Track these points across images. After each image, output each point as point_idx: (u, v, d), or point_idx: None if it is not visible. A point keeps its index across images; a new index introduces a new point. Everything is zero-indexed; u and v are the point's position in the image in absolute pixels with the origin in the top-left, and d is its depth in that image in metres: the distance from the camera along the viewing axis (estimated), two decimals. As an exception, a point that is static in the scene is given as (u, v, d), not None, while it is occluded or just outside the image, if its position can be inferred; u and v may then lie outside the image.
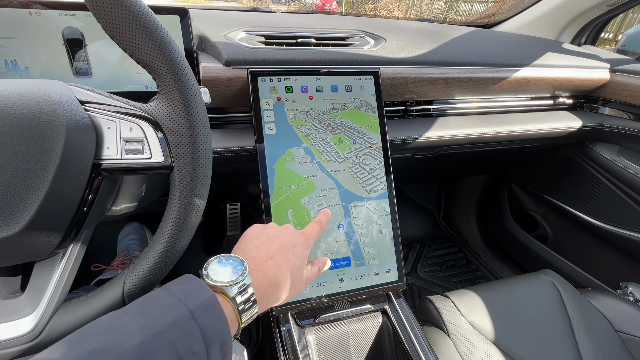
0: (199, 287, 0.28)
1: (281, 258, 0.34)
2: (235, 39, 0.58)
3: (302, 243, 0.37)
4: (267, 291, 0.33)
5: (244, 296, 0.30)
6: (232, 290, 0.30)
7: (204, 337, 0.25)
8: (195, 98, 0.31)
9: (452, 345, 0.58)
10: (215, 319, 0.26)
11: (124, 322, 0.24)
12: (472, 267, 1.25)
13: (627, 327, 0.63)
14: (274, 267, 0.33)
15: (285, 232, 0.38)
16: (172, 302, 0.26)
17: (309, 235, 0.40)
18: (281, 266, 0.34)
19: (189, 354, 0.24)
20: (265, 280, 0.33)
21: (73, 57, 0.49)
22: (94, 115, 0.30)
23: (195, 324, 0.25)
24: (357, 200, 0.52)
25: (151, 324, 0.24)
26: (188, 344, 0.24)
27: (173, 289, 0.27)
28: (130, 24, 0.27)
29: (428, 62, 0.64)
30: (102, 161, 0.30)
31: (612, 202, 0.86)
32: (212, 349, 0.25)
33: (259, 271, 0.33)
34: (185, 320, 0.25)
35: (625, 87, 0.77)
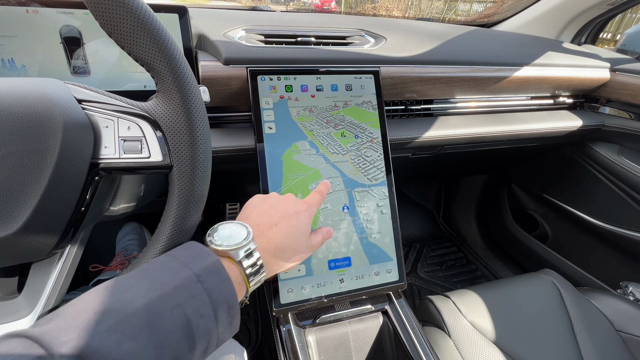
0: (204, 252, 0.28)
1: (285, 224, 0.35)
2: (235, 37, 0.58)
3: (304, 210, 0.38)
4: (274, 255, 0.33)
5: (250, 260, 0.30)
6: (238, 254, 0.30)
7: (210, 300, 0.25)
8: (194, 96, 0.30)
9: (452, 345, 0.58)
10: (221, 282, 0.26)
11: (128, 284, 0.24)
12: (472, 267, 1.25)
13: (627, 326, 0.63)
14: (279, 232, 0.34)
15: (288, 201, 0.38)
16: (177, 266, 0.26)
17: (311, 203, 0.40)
18: (285, 232, 0.34)
19: (197, 316, 0.24)
20: (271, 245, 0.33)
21: (71, 55, 0.49)
22: (92, 114, 0.29)
23: (202, 287, 0.25)
24: (360, 186, 0.53)
25: (157, 287, 0.23)
26: (196, 306, 0.24)
27: (177, 255, 0.27)
28: (129, 22, 0.27)
29: (428, 61, 0.64)
30: (100, 160, 0.29)
31: (613, 201, 0.85)
32: (220, 311, 0.25)
33: (264, 237, 0.33)
34: (192, 283, 0.25)
35: (625, 86, 0.77)
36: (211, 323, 0.25)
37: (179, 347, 0.22)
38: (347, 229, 0.53)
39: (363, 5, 10.93)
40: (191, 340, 0.23)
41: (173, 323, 0.22)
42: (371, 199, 0.53)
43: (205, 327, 0.24)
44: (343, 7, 11.09)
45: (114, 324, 0.20)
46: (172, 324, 0.22)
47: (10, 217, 0.25)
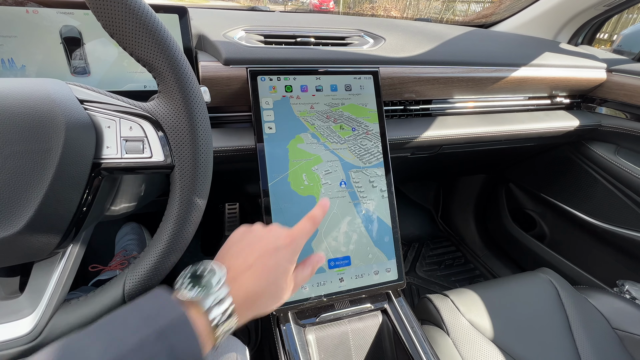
0: (169, 304, 0.26)
1: (260, 266, 0.32)
2: (235, 38, 0.58)
3: (286, 246, 0.34)
4: (245, 302, 0.31)
5: (219, 309, 0.28)
6: (206, 303, 0.28)
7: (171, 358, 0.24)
8: (196, 97, 0.31)
9: (451, 343, 0.58)
10: (186, 339, 0.25)
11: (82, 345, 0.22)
12: (470, 266, 1.26)
13: (624, 324, 0.63)
14: (252, 276, 0.31)
15: (269, 236, 0.34)
16: (138, 322, 0.24)
17: (296, 235, 0.35)
18: (260, 275, 0.31)
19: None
20: (242, 291, 0.30)
21: (70, 55, 0.49)
22: (94, 114, 0.29)
23: (163, 345, 0.24)
24: (355, 168, 0.55)
25: (114, 347, 0.22)
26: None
27: (141, 306, 0.26)
28: (131, 22, 0.27)
29: (427, 61, 0.64)
30: (102, 160, 0.29)
31: (609, 200, 0.86)
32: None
33: (235, 281, 0.31)
34: (151, 342, 0.23)
35: (622, 86, 0.78)
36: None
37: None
38: (348, 228, 0.53)
39: (361, 5, 10.94)
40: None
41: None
42: (364, 177, 0.56)
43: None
44: (341, 7, 11.10)
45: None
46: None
47: (13, 216, 0.25)
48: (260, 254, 0.32)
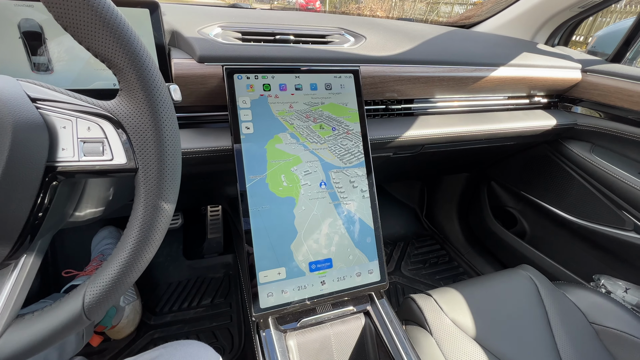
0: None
1: None
2: (210, 34, 0.56)
3: None
4: None
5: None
6: None
7: None
8: (160, 94, 0.29)
9: (434, 343, 0.58)
10: None
11: None
12: (454, 264, 1.27)
13: (600, 318, 0.65)
14: None
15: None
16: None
17: None
18: None
19: None
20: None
21: (32, 52, 0.46)
22: (47, 114, 0.27)
23: None
24: (335, 168, 0.55)
25: None
26: None
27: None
28: (85, 13, 0.25)
29: (408, 60, 0.64)
30: (56, 163, 0.27)
31: (585, 198, 0.89)
32: None
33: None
34: None
35: (595, 86, 0.80)
36: None
37: None
38: (329, 230, 0.52)
39: (347, 5, 10.98)
40: None
41: None
42: (345, 177, 0.55)
43: None
44: (327, 7, 11.11)
45: None
46: None
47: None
48: None
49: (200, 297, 1.02)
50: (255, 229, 0.48)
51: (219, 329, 0.94)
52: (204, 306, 0.99)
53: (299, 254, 0.50)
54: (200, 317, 0.96)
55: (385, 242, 1.32)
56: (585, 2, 0.80)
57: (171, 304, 0.98)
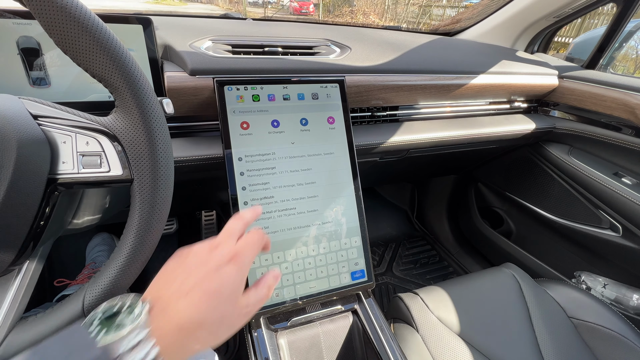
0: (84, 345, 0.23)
1: (199, 292, 0.27)
2: (201, 48, 0.59)
3: (231, 264, 0.29)
4: (177, 340, 0.25)
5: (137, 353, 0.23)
6: (119, 348, 0.23)
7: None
8: (153, 110, 0.31)
9: (420, 340, 0.61)
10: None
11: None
12: (444, 264, 1.30)
13: (578, 313, 0.68)
14: (189, 305, 0.26)
15: (209, 257, 0.29)
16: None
17: (241, 250, 0.30)
18: (199, 302, 0.26)
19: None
20: (173, 325, 0.25)
21: (30, 67, 0.48)
22: (48, 130, 0.30)
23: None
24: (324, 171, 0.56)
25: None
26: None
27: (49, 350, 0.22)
28: (83, 39, 0.27)
29: (392, 70, 0.67)
30: (57, 176, 0.30)
31: (565, 198, 0.92)
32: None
33: (165, 314, 0.26)
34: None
35: (572, 92, 0.84)
36: None
37: None
38: (317, 232, 0.55)
39: (340, 9, 11.08)
40: None
41: None
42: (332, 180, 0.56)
43: None
44: (321, 11, 11.19)
45: None
46: None
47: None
48: (200, 278, 0.28)
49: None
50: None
51: (214, 332, 0.95)
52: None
53: (289, 255, 0.53)
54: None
55: (377, 243, 1.35)
56: (560, 12, 0.84)
57: (166, 309, 0.99)
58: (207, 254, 0.30)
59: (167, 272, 0.30)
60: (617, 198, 0.78)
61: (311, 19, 8.47)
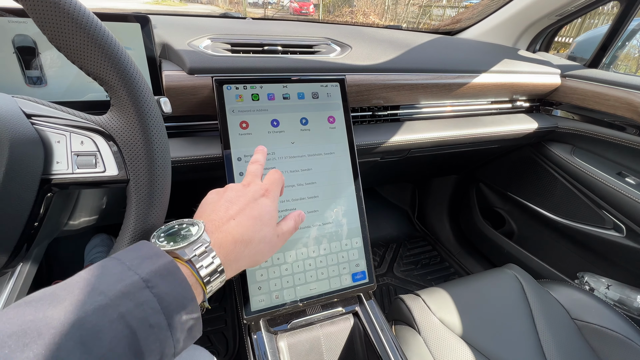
0: (154, 252, 0.25)
1: (244, 217, 0.31)
2: (200, 46, 0.58)
3: (264, 196, 0.34)
4: (233, 251, 0.29)
5: (204, 259, 0.27)
6: (188, 253, 0.27)
7: (162, 306, 0.22)
8: (150, 109, 0.31)
9: (422, 342, 0.60)
10: (175, 286, 0.24)
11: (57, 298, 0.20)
12: (445, 265, 1.30)
13: (582, 314, 0.67)
14: (237, 225, 0.30)
15: (245, 191, 0.34)
16: (121, 271, 0.23)
17: (270, 186, 0.36)
18: (246, 224, 0.31)
19: (145, 327, 0.21)
20: (229, 239, 0.29)
21: (26, 65, 0.47)
22: (42, 129, 0.29)
23: (150, 293, 0.22)
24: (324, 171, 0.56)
25: (93, 298, 0.20)
26: (142, 316, 0.21)
27: (122, 257, 0.24)
28: (77, 35, 0.27)
29: (393, 69, 0.66)
30: (51, 176, 0.29)
31: (568, 198, 0.92)
32: (175, 319, 0.23)
33: (220, 231, 0.29)
34: (138, 290, 0.22)
35: (574, 91, 0.83)
36: (164, 333, 0.22)
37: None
38: (317, 233, 0.54)
39: (340, 9, 11.08)
40: (138, 355, 0.21)
41: (113, 339, 0.20)
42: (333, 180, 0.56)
43: (155, 339, 0.22)
44: (321, 11, 11.19)
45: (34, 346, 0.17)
46: (113, 339, 0.20)
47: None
48: (242, 206, 0.32)
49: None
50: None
51: (213, 333, 0.95)
52: (199, 311, 1.00)
53: (289, 257, 0.52)
54: (194, 322, 0.97)
55: (378, 244, 1.34)
56: (562, 11, 0.83)
57: (166, 310, 0.98)
58: (243, 189, 0.34)
59: (209, 204, 0.33)
60: (620, 198, 0.77)
61: (311, 18, 8.48)
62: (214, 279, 0.28)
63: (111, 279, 0.22)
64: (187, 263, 0.27)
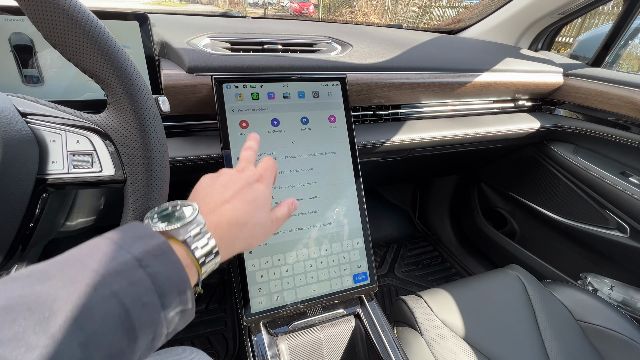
0: (147, 232, 0.24)
1: (239, 200, 0.31)
2: (199, 45, 0.57)
3: (258, 181, 0.34)
4: (228, 233, 0.29)
5: (199, 240, 0.27)
6: (183, 233, 0.26)
7: (155, 286, 0.22)
8: (147, 107, 0.30)
9: (424, 343, 0.59)
10: (169, 266, 0.23)
11: (46, 275, 0.19)
12: (446, 265, 1.29)
13: (585, 316, 0.66)
14: (232, 209, 0.30)
15: (240, 176, 0.34)
16: (112, 250, 0.22)
17: (263, 173, 0.35)
18: (240, 208, 0.30)
19: (138, 306, 0.21)
20: (224, 222, 0.29)
21: (23, 64, 0.47)
22: (37, 128, 0.28)
23: (144, 272, 0.22)
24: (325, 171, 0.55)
25: (84, 275, 0.20)
26: (136, 295, 0.21)
27: (115, 237, 0.23)
28: (72, 32, 0.26)
29: (394, 67, 0.65)
30: (47, 176, 0.28)
31: (570, 198, 0.91)
32: (168, 299, 0.22)
33: (214, 214, 0.29)
34: (130, 268, 0.21)
35: (577, 90, 0.83)
36: (156, 313, 0.22)
37: (114, 342, 0.19)
38: (318, 233, 0.53)
39: (340, 9, 11.08)
40: (131, 333, 0.20)
41: (106, 316, 0.19)
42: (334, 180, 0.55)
43: (148, 318, 0.21)
44: (321, 11, 11.20)
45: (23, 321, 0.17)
46: (105, 316, 0.19)
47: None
48: (236, 191, 0.31)
49: (195, 303, 1.02)
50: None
51: (213, 335, 0.94)
52: (199, 312, 1.00)
53: (289, 258, 0.51)
54: (194, 323, 0.97)
55: (378, 244, 1.33)
56: (565, 9, 0.83)
57: (165, 311, 0.98)
58: (237, 174, 0.34)
59: (202, 188, 0.33)
60: (624, 198, 0.76)
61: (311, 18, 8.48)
62: (209, 261, 0.27)
63: (103, 257, 0.21)
64: (183, 243, 0.26)
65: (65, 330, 0.18)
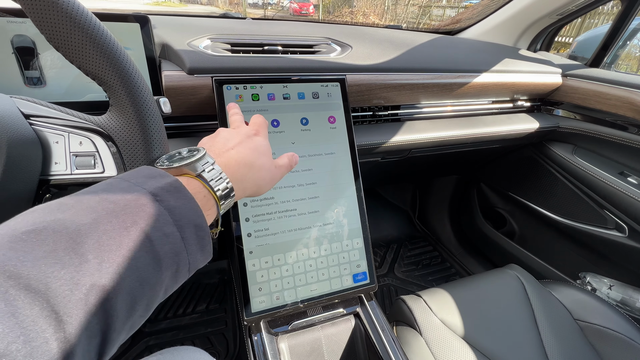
0: (158, 173, 0.24)
1: (242, 147, 0.32)
2: (200, 46, 0.58)
3: (256, 134, 0.36)
4: (238, 171, 0.30)
5: (212, 173, 0.27)
6: (197, 167, 0.26)
7: (173, 219, 0.22)
8: (148, 109, 0.30)
9: (424, 343, 0.59)
10: (183, 202, 0.23)
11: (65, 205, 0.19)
12: (446, 265, 1.29)
13: (584, 315, 0.67)
14: (237, 153, 0.31)
15: (238, 131, 0.35)
16: (127, 186, 0.22)
17: (258, 128, 0.38)
18: (245, 152, 0.32)
19: (160, 235, 0.20)
20: (232, 162, 0.30)
21: (25, 66, 0.47)
22: (40, 130, 0.29)
23: (160, 205, 0.21)
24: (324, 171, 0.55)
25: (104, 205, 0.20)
26: (157, 225, 0.20)
27: (126, 177, 0.23)
28: (75, 35, 0.27)
29: (393, 68, 0.66)
30: (50, 177, 0.29)
31: (569, 198, 0.91)
32: (186, 232, 0.22)
33: (222, 157, 0.30)
34: (148, 202, 0.21)
35: (575, 90, 0.83)
36: (178, 244, 0.22)
37: (142, 266, 0.19)
38: (318, 234, 0.54)
39: (340, 10, 11.09)
40: (157, 262, 0.20)
41: (131, 242, 0.19)
42: (333, 180, 0.56)
43: (171, 248, 0.21)
44: (321, 12, 11.21)
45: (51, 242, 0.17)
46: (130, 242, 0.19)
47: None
48: (238, 141, 0.33)
49: (195, 303, 1.02)
50: (246, 234, 0.50)
51: (214, 335, 0.94)
52: (199, 312, 1.00)
53: (289, 258, 0.52)
54: (195, 323, 0.97)
55: (378, 244, 1.34)
56: (563, 10, 0.83)
57: (166, 311, 0.98)
58: (234, 131, 0.35)
59: (205, 143, 0.33)
60: (622, 198, 0.77)
61: (311, 19, 8.48)
62: (225, 193, 0.28)
63: (119, 191, 0.21)
64: (198, 177, 0.26)
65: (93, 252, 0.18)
